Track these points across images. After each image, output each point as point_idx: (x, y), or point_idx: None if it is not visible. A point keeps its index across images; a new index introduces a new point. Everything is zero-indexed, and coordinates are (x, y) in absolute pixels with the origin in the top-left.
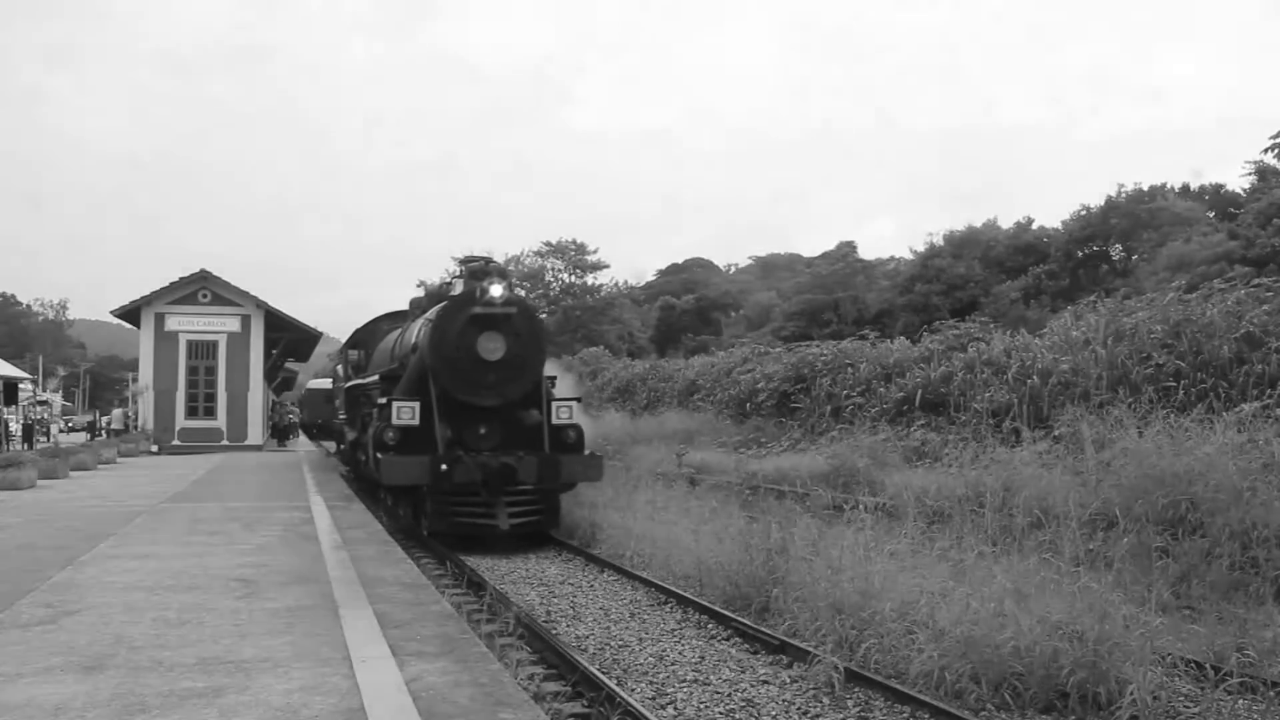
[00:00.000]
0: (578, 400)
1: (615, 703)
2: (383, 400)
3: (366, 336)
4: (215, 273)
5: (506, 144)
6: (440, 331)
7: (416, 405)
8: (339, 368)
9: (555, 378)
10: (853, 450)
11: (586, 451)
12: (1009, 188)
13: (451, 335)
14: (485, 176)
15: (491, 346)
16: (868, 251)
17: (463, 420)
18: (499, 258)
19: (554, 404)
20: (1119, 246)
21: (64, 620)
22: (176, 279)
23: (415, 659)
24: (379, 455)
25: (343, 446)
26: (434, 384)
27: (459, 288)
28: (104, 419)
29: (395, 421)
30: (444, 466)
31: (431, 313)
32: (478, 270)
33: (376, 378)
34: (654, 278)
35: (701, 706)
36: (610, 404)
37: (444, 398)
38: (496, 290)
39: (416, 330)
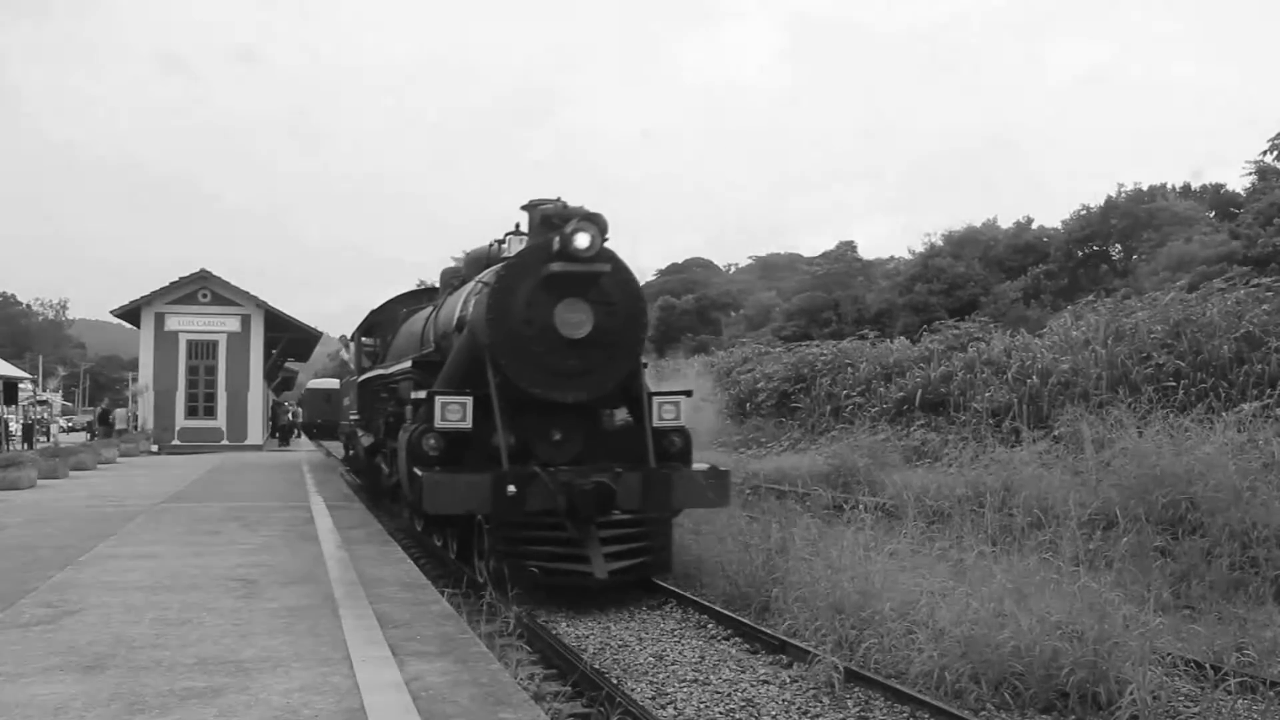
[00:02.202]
0: (687, 394)
1: (615, 702)
2: (419, 394)
3: (383, 319)
4: (215, 273)
5: (506, 144)
6: (503, 298)
7: (469, 402)
8: (347, 356)
9: (646, 363)
10: (853, 450)
11: (696, 464)
12: (1009, 188)
13: (519, 303)
14: (485, 177)
15: (575, 319)
16: (868, 251)
17: (530, 422)
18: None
19: (655, 399)
20: (1119, 246)
21: (64, 620)
22: (176, 279)
23: (415, 659)
24: (416, 471)
25: (352, 452)
26: (493, 371)
27: (515, 246)
28: (113, 412)
29: (440, 424)
30: (512, 488)
31: (488, 274)
32: (554, 214)
33: (408, 364)
34: (654, 278)
35: (701, 706)
36: None
37: (506, 391)
38: (582, 240)
39: (463, 300)
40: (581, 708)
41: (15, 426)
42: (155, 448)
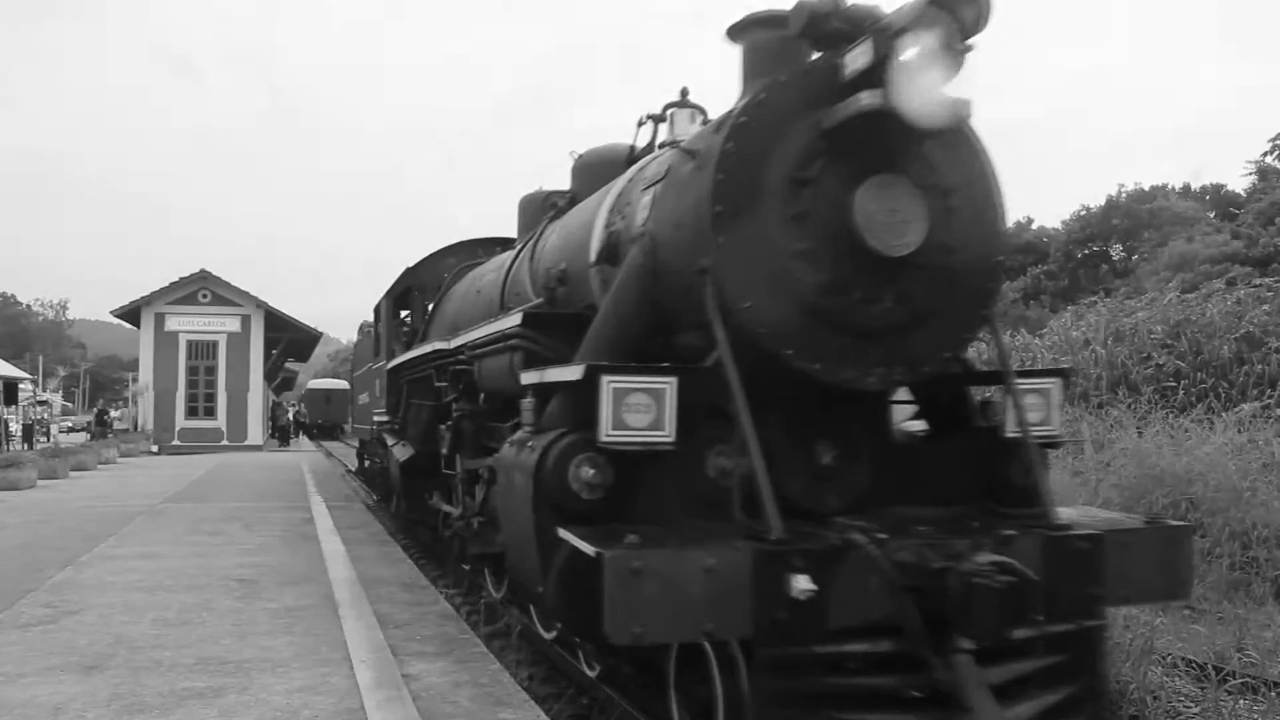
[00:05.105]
0: (1064, 375)
1: (615, 702)
2: (555, 374)
3: (423, 278)
4: (215, 273)
5: (509, 145)
6: (742, 173)
7: (670, 387)
8: (371, 333)
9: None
10: None
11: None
12: (1009, 188)
13: (777, 181)
14: (487, 176)
15: (895, 216)
16: None
17: (775, 427)
18: None
19: (1017, 385)
20: (1119, 246)
21: (64, 620)
22: (176, 279)
23: (415, 659)
24: (566, 538)
25: (369, 463)
26: (721, 322)
27: (685, 127)
28: (117, 412)
29: (608, 436)
30: (805, 582)
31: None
32: (834, 12)
33: (516, 319)
34: None
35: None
36: None
37: (745, 362)
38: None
39: (609, 204)
40: (581, 708)
41: (15, 427)
42: (155, 448)
